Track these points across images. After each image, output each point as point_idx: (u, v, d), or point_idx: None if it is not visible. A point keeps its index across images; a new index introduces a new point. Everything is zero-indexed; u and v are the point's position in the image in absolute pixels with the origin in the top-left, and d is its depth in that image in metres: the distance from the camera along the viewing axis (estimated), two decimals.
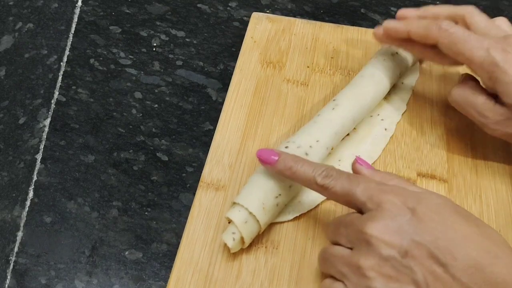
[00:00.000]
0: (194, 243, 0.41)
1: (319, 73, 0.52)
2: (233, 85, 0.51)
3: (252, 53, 0.54)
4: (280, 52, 0.54)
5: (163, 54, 0.55)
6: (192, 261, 0.40)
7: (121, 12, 0.59)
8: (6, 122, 0.50)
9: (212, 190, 0.44)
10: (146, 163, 0.47)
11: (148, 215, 0.44)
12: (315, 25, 0.56)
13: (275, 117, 0.49)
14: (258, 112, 0.49)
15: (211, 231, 0.42)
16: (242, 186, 0.44)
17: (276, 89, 0.51)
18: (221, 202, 0.43)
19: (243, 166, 0.45)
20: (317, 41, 0.55)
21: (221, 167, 0.45)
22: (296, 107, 0.50)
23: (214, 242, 0.41)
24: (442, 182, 0.45)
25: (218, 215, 0.42)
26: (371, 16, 0.59)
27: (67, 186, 0.46)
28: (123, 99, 0.52)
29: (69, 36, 0.57)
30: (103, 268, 0.42)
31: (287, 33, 0.55)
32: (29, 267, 0.41)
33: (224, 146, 0.47)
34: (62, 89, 0.52)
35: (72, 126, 0.50)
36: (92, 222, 0.44)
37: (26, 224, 0.44)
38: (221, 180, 0.45)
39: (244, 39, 0.55)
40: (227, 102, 0.50)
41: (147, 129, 0.50)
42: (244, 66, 0.53)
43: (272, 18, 0.57)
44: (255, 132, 0.48)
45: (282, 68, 0.52)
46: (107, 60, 0.55)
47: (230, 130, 0.48)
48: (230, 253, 0.40)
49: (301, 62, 0.53)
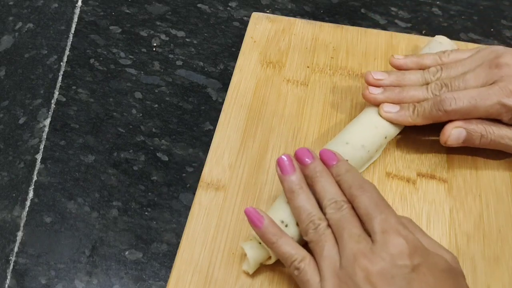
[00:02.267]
0: (194, 243, 0.41)
1: (319, 73, 0.52)
2: (233, 85, 0.51)
3: (252, 53, 0.54)
4: (280, 52, 0.54)
5: (163, 54, 0.55)
6: (192, 261, 0.40)
7: (121, 12, 0.59)
8: (6, 122, 0.50)
9: (212, 190, 0.44)
10: (146, 163, 0.47)
11: (148, 215, 0.44)
12: (315, 25, 0.56)
13: (275, 117, 0.49)
14: (258, 112, 0.49)
15: (211, 231, 0.42)
16: (242, 186, 0.44)
17: (276, 89, 0.51)
18: (221, 202, 0.43)
19: (243, 166, 0.45)
20: (317, 41, 0.55)
21: (221, 167, 0.45)
22: (296, 107, 0.50)
23: (214, 242, 0.41)
24: (441, 182, 0.45)
25: (218, 215, 0.42)
26: (371, 16, 0.59)
27: (67, 186, 0.46)
28: (123, 99, 0.52)
29: (69, 36, 0.57)
30: (103, 268, 0.42)
31: (287, 33, 0.55)
32: (29, 267, 0.41)
33: (224, 146, 0.47)
34: (62, 89, 0.52)
35: (72, 126, 0.50)
36: (92, 222, 0.44)
37: (26, 224, 0.44)
38: (221, 180, 0.45)
39: (244, 39, 0.55)
40: (227, 102, 0.50)
41: (147, 129, 0.50)
42: (244, 66, 0.53)
43: (272, 18, 0.57)
44: (255, 132, 0.48)
45: (282, 68, 0.52)
46: (107, 60, 0.55)
47: (230, 129, 0.48)
48: (230, 253, 0.40)
49: (301, 62, 0.53)
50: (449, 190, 0.44)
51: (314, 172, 0.39)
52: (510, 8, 0.60)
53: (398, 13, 0.59)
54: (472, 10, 0.59)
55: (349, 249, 0.35)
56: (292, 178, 0.39)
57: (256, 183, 0.44)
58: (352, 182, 0.38)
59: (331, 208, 0.37)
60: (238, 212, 0.43)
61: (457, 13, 0.59)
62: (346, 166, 0.40)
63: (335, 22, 0.58)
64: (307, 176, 0.40)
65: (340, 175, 0.39)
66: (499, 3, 0.60)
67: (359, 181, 0.38)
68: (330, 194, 0.38)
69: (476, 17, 0.59)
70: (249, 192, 0.44)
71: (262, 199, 0.44)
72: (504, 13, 0.59)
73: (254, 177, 0.45)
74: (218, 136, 0.47)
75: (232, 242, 0.41)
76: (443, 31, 0.57)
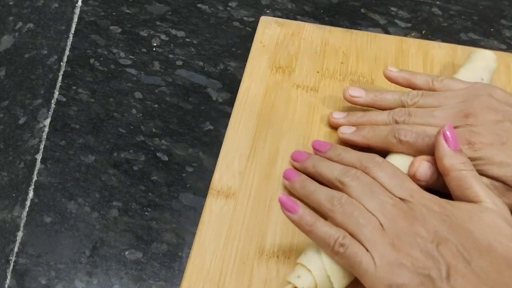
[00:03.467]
0: (205, 252, 0.40)
1: (329, 78, 0.51)
2: (242, 90, 0.50)
3: (261, 57, 0.53)
4: (289, 56, 0.53)
5: (164, 54, 0.55)
6: (203, 269, 0.40)
7: (121, 12, 0.59)
8: (6, 122, 0.50)
9: (222, 197, 0.43)
10: (146, 163, 0.47)
11: (149, 215, 0.44)
12: (324, 30, 0.55)
13: (285, 123, 0.48)
14: (268, 118, 0.48)
15: (221, 240, 0.41)
16: (253, 193, 0.44)
17: (285, 94, 0.50)
18: (231, 210, 0.43)
19: (253, 172, 0.45)
20: (326, 46, 0.54)
21: (231, 174, 0.45)
22: (306, 113, 0.49)
23: (225, 251, 0.40)
24: None
25: (228, 223, 0.42)
26: (371, 16, 0.59)
27: (67, 186, 0.46)
28: (123, 99, 0.52)
29: (69, 36, 0.57)
30: (103, 268, 0.42)
31: (296, 38, 0.54)
32: (29, 267, 0.41)
33: (234, 152, 0.46)
34: (62, 89, 0.52)
35: (73, 126, 0.50)
36: (92, 222, 0.44)
37: (26, 224, 0.44)
38: (231, 187, 0.44)
39: (253, 44, 0.54)
40: (236, 107, 0.49)
41: (148, 129, 0.50)
42: (253, 71, 0.52)
43: (281, 22, 0.56)
44: (264, 138, 0.47)
45: (291, 73, 0.52)
46: (107, 60, 0.55)
47: (240, 135, 0.47)
48: (241, 262, 0.40)
49: (311, 67, 0.52)
50: None
51: (311, 163, 0.41)
52: (510, 8, 0.60)
53: (398, 13, 0.59)
54: (472, 10, 0.60)
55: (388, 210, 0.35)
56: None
57: (267, 191, 0.44)
58: (357, 155, 0.39)
59: (346, 177, 0.38)
60: (249, 220, 0.42)
61: (457, 13, 0.59)
62: (342, 147, 0.41)
63: (335, 22, 0.58)
64: (307, 172, 0.41)
65: (340, 154, 0.40)
66: (499, 3, 0.60)
67: (363, 154, 0.39)
68: (336, 169, 0.39)
69: (476, 17, 0.59)
70: (259, 199, 0.43)
71: (273, 206, 0.43)
72: (504, 13, 0.59)
73: (264, 184, 0.44)
74: (227, 142, 0.47)
75: (243, 251, 0.41)
76: (443, 31, 0.57)
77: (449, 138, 0.37)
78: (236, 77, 0.53)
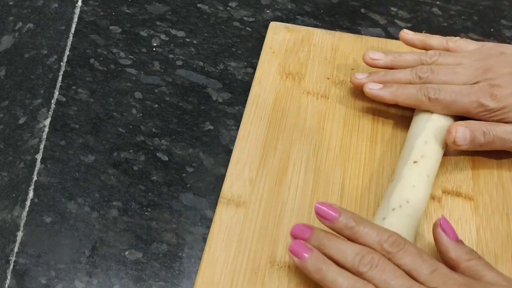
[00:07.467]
0: (216, 262, 0.40)
1: (340, 85, 0.51)
2: (252, 97, 0.50)
3: (271, 64, 0.52)
4: (299, 63, 0.52)
5: (163, 54, 0.55)
6: (213, 281, 0.39)
7: (121, 12, 0.59)
8: (6, 122, 0.50)
9: (232, 206, 0.43)
10: (146, 163, 0.47)
11: (148, 215, 0.44)
12: (334, 35, 0.55)
13: (296, 131, 0.48)
14: (278, 125, 0.48)
15: (232, 250, 0.40)
16: (263, 202, 0.43)
17: (296, 101, 0.50)
18: (242, 219, 0.42)
19: (264, 181, 0.44)
20: (336, 52, 0.53)
21: (241, 182, 0.44)
22: (317, 120, 0.48)
23: (235, 261, 0.40)
24: (467, 200, 0.43)
25: (239, 233, 0.41)
26: (371, 16, 0.59)
27: (67, 186, 0.46)
28: (123, 99, 0.52)
29: (69, 36, 0.57)
30: (103, 268, 0.42)
31: (306, 44, 0.54)
32: (29, 267, 0.41)
33: (244, 160, 0.46)
34: (62, 89, 0.52)
35: (72, 126, 0.50)
36: (92, 222, 0.44)
37: (26, 224, 0.44)
38: (241, 196, 0.43)
39: (262, 50, 0.54)
40: (246, 114, 0.49)
41: (147, 129, 0.50)
42: (263, 78, 0.51)
43: (291, 28, 0.55)
44: (275, 146, 0.46)
45: (301, 79, 0.51)
46: (107, 60, 0.55)
47: (250, 143, 0.47)
48: (252, 272, 0.39)
49: (321, 74, 0.52)
50: (475, 208, 0.43)
51: (317, 242, 0.36)
52: (510, 8, 0.60)
53: (398, 13, 0.59)
54: (472, 10, 0.60)
55: None
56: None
57: (278, 199, 0.43)
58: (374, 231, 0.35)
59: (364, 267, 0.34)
60: (260, 230, 0.42)
61: (457, 13, 0.59)
62: (353, 215, 0.36)
63: (335, 22, 0.58)
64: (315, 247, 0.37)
65: (354, 227, 0.35)
66: (499, 3, 0.60)
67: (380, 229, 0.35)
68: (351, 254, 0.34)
69: (476, 17, 0.59)
70: (270, 209, 0.43)
71: (284, 216, 0.42)
72: (504, 13, 0.59)
73: (275, 193, 0.44)
74: (237, 150, 0.46)
75: (254, 262, 0.40)
76: (443, 31, 0.57)
77: (447, 230, 0.37)
78: (236, 77, 0.53)
